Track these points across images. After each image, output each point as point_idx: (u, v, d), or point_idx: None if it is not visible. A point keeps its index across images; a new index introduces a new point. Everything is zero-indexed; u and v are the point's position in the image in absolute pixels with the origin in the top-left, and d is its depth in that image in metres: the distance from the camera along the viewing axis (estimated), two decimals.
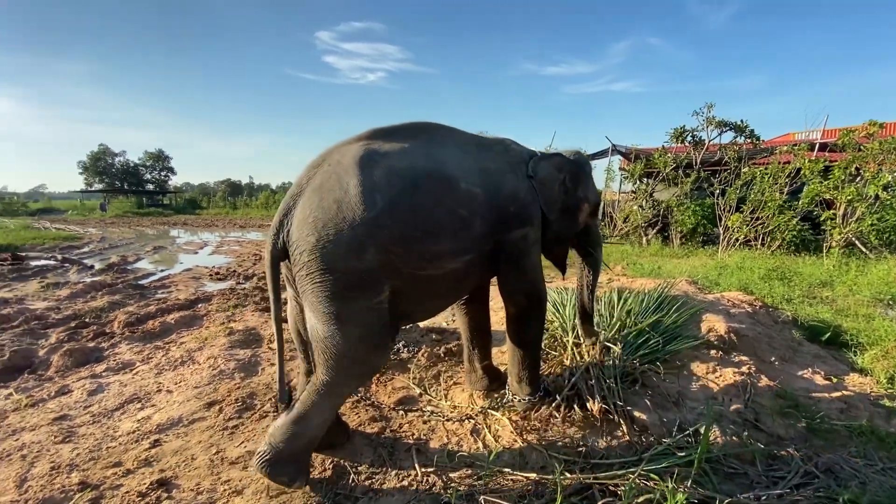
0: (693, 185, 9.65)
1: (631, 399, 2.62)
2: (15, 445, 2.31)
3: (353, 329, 1.86)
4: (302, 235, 1.82)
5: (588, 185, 2.67)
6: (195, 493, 1.98)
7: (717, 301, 3.97)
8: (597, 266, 2.88)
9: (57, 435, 2.40)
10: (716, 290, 5.12)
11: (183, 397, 2.80)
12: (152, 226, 21.41)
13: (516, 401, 2.61)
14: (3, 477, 2.05)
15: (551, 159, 2.53)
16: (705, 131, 10.11)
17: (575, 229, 2.72)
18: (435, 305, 2.35)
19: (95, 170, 39.77)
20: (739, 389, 2.79)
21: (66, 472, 2.09)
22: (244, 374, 3.14)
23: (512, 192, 2.29)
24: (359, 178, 1.85)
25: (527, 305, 2.44)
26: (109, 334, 4.13)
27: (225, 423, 2.53)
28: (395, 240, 1.87)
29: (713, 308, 3.67)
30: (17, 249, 10.08)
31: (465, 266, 2.14)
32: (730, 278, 5.71)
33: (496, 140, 2.48)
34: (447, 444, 2.37)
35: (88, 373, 3.23)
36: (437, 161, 2.06)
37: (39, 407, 2.74)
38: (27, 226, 16.84)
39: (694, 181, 9.61)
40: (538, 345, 2.58)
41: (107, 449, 2.29)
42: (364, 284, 1.85)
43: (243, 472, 2.14)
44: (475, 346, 2.82)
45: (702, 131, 10.11)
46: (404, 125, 2.19)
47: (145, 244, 12.86)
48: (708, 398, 2.71)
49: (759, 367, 3.02)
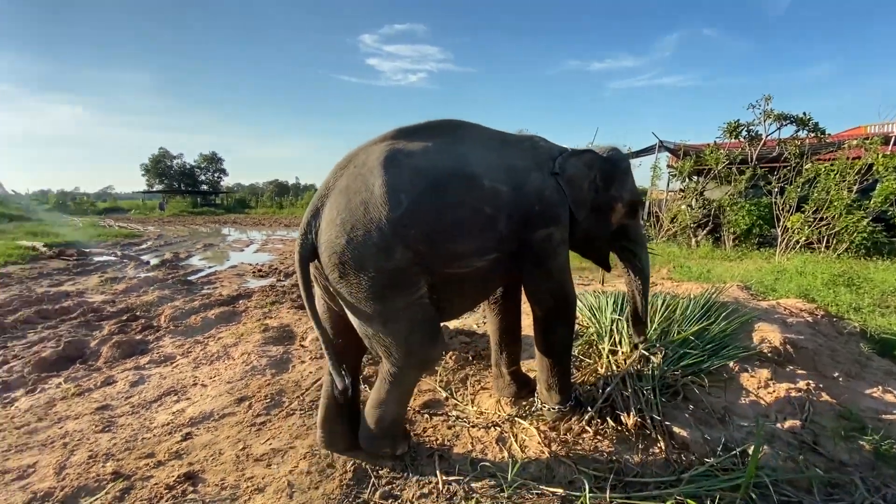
0: (748, 183, 9.01)
1: (671, 413, 2.44)
2: (59, 433, 2.44)
3: (399, 325, 1.92)
4: (331, 237, 1.85)
5: (623, 184, 2.50)
6: (220, 488, 2.01)
7: (772, 309, 3.65)
8: (642, 269, 2.67)
9: (98, 424, 2.52)
10: (772, 296, 4.73)
11: (216, 392, 2.88)
12: (205, 224, 22.58)
13: (545, 410, 2.49)
14: (44, 463, 2.16)
15: (581, 156, 2.39)
16: (762, 125, 9.40)
17: (608, 230, 2.57)
18: (461, 304, 2.31)
19: (156, 172, 42.46)
20: (796, 407, 2.54)
21: (102, 461, 2.18)
22: (275, 370, 3.19)
23: (537, 190, 2.19)
24: (383, 179, 1.85)
25: (553, 308, 2.32)
26: (156, 328, 4.34)
27: (253, 420, 2.57)
28: (421, 238, 1.87)
29: (767, 316, 3.37)
30: (82, 246, 10.88)
31: (491, 265, 2.10)
32: (788, 284, 5.27)
33: (523, 137, 2.38)
34: (471, 452, 2.29)
35: (133, 364, 3.40)
36: (461, 159, 2.03)
37: (85, 396, 2.90)
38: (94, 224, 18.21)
39: (749, 178, 8.96)
40: (567, 351, 2.45)
41: (142, 440, 2.38)
42: (398, 283, 1.88)
43: (267, 469, 2.15)
44: (503, 351, 2.72)
45: (758, 125, 9.42)
46: (428, 123, 2.16)
47: (197, 241, 13.56)
48: (758, 415, 2.48)
49: (819, 383, 2.73)
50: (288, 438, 2.39)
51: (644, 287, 2.67)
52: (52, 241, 11.20)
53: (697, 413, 2.49)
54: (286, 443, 2.35)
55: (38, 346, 3.90)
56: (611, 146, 2.58)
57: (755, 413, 2.52)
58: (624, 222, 2.60)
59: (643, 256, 2.70)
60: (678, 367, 2.81)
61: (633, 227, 2.66)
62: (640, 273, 2.67)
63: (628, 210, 2.57)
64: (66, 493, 1.94)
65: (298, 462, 2.18)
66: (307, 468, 2.13)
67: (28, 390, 3.03)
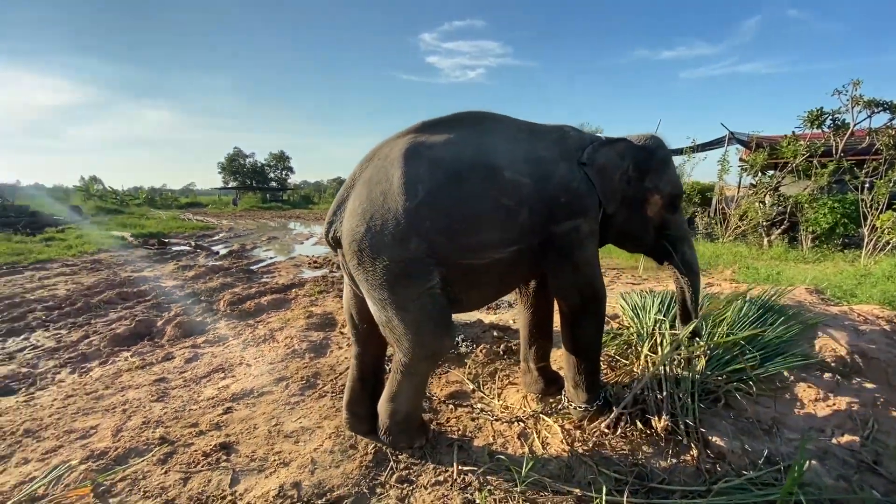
0: (831, 178, 8.12)
1: (708, 420, 2.29)
2: (120, 400, 2.72)
3: (410, 314, 1.94)
4: (352, 226, 1.93)
5: (660, 174, 2.36)
6: (249, 459, 2.15)
7: (842, 315, 3.27)
8: (689, 265, 2.50)
9: (153, 394, 2.79)
10: (851, 301, 4.25)
11: (258, 371, 3.08)
12: (272, 218, 24.00)
13: (571, 408, 2.42)
14: (104, 426, 2.43)
15: (613, 145, 2.29)
16: (850, 113, 8.39)
17: (645, 223, 2.44)
18: (482, 295, 2.30)
19: (230, 170, 45.69)
20: (857, 423, 2.27)
21: (153, 427, 2.41)
22: (314, 354, 3.35)
23: (563, 181, 2.12)
24: (402, 170, 1.91)
25: (580, 303, 2.24)
26: (215, 311, 4.70)
27: (288, 399, 2.72)
28: (437, 229, 1.91)
29: (835, 323, 3.03)
30: (163, 236, 11.98)
31: (512, 257, 2.08)
32: (871, 290, 4.70)
33: (553, 128, 2.32)
34: (492, 445, 2.28)
35: (191, 343, 3.72)
36: (483, 150, 2.02)
37: (146, 369, 3.21)
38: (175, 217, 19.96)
39: (833, 172, 8.07)
40: (595, 348, 2.36)
41: (188, 410, 2.60)
42: (412, 272, 1.91)
43: (294, 445, 2.27)
44: (532, 346, 2.68)
45: (845, 113, 8.42)
46: (454, 116, 2.17)
47: (263, 234, 14.47)
48: (811, 428, 2.25)
49: (889, 398, 2.43)
50: (317, 418, 2.51)
51: (693, 283, 2.50)
52: (138, 231, 12.45)
53: (740, 422, 2.30)
54: (315, 422, 2.47)
55: (116, 323, 4.36)
56: (649, 134, 2.44)
57: (808, 426, 2.29)
58: (664, 216, 2.46)
59: (688, 251, 2.52)
60: (723, 372, 2.62)
61: (674, 220, 2.50)
62: (688, 268, 2.49)
63: (667, 203, 2.42)
64: (119, 453, 2.16)
65: (324, 441, 2.28)
66: (331, 447, 2.23)
67: (101, 362, 3.41)
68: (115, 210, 21.00)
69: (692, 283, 2.50)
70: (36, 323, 4.52)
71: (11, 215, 13.97)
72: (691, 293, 2.50)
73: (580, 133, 2.36)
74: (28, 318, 4.63)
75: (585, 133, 2.39)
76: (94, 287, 5.95)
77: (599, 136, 2.40)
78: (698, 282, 2.56)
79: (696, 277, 2.54)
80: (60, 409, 2.62)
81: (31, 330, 4.34)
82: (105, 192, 27.25)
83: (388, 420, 2.17)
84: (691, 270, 2.51)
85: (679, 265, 2.50)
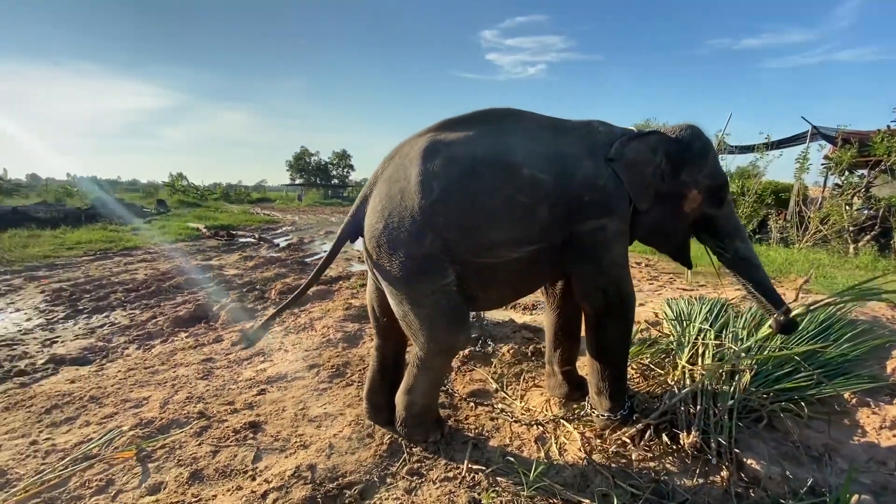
0: None
1: (746, 441, 2.11)
2: (172, 375, 2.99)
3: (424, 310, 1.97)
4: (371, 222, 2.00)
5: (698, 167, 2.19)
6: (273, 439, 2.28)
7: None
8: (746, 258, 2.25)
9: (200, 372, 3.03)
10: None
11: (294, 357, 3.25)
12: (332, 214, 25.07)
13: (594, 415, 2.32)
14: (155, 398, 2.68)
15: (645, 139, 2.16)
16: None
17: (683, 221, 2.28)
18: (500, 294, 2.27)
19: (297, 167, 48.30)
20: None
21: (195, 402, 2.62)
22: (346, 344, 3.48)
23: (587, 178, 2.04)
24: (419, 168, 1.93)
25: (604, 307, 2.14)
26: (266, 299, 5.01)
27: (317, 385, 2.84)
28: (451, 226, 1.92)
29: None
30: (232, 229, 12.92)
31: (532, 256, 2.04)
32: None
33: (581, 123, 2.23)
34: (507, 447, 2.24)
35: (240, 328, 3.99)
36: (500, 147, 1.99)
37: (198, 349, 3.49)
38: (245, 211, 21.49)
39: None
40: (622, 354, 2.25)
41: (227, 389, 2.79)
42: (426, 269, 1.93)
43: (316, 429, 2.37)
44: (557, 348, 2.60)
45: None
46: (476, 113, 2.15)
47: (321, 228, 15.16)
48: (870, 459, 2.00)
49: None
50: (341, 406, 2.60)
51: (755, 275, 2.23)
52: (211, 223, 13.50)
53: (784, 446, 2.10)
54: (339, 409, 2.56)
55: (180, 306, 4.77)
56: (686, 124, 2.27)
57: (868, 457, 2.04)
58: (706, 211, 2.28)
59: (741, 247, 2.27)
60: (771, 389, 2.40)
61: (720, 216, 2.30)
62: (746, 263, 2.26)
63: (708, 197, 2.24)
64: (163, 423, 2.38)
65: (344, 428, 2.36)
66: (349, 434, 2.30)
67: (162, 340, 3.76)
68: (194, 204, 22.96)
69: (753, 277, 2.25)
70: (116, 303, 5.06)
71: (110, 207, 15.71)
72: (759, 287, 2.24)
73: (610, 128, 2.25)
74: (111, 299, 5.19)
75: (616, 128, 2.27)
76: (167, 273, 6.55)
77: (631, 130, 2.27)
78: (762, 273, 2.28)
79: (758, 269, 2.28)
80: (122, 380, 2.93)
81: (112, 309, 4.87)
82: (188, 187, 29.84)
83: (404, 412, 2.20)
84: (752, 265, 2.28)
85: (737, 262, 2.29)
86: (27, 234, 10.00)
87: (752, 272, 2.25)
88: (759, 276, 2.26)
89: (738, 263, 2.27)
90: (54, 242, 9.10)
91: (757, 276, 2.25)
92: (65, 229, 11.11)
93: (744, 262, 2.26)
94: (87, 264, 7.39)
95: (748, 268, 2.26)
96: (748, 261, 2.26)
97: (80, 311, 4.74)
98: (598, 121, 2.28)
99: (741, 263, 2.26)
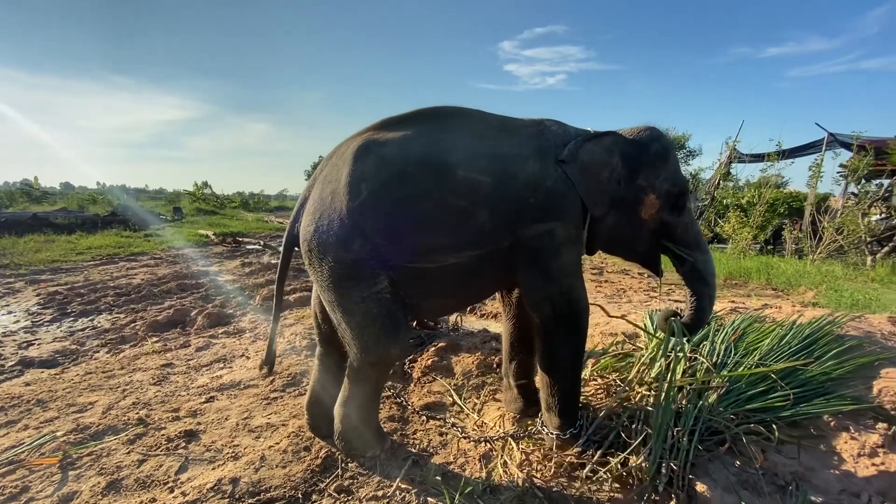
0: None
1: (704, 466, 1.92)
2: (126, 381, 2.95)
3: (354, 318, 1.90)
4: (304, 225, 1.96)
5: (656, 171, 2.03)
6: (206, 448, 2.19)
7: None
8: (698, 276, 2.12)
9: (154, 378, 2.98)
10: None
11: (253, 364, 3.17)
12: None
13: (545, 433, 2.16)
14: (101, 403, 2.63)
15: (600, 140, 2.02)
16: None
17: (642, 228, 2.12)
18: (443, 302, 2.18)
19: None
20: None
21: (139, 408, 2.56)
22: (309, 352, 3.39)
23: (532, 180, 1.91)
24: (350, 168, 1.86)
25: (553, 317, 2.00)
26: (247, 305, 4.98)
27: (268, 394, 2.76)
28: (380, 230, 1.84)
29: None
30: (241, 235, 13.09)
31: (474, 262, 1.93)
32: None
33: (531, 122, 2.10)
34: (450, 464, 2.11)
35: (209, 334, 3.94)
36: (436, 148, 1.89)
37: (162, 354, 3.45)
38: (259, 219, 21.77)
39: None
40: (572, 369, 2.09)
41: (177, 396, 2.73)
42: (356, 274, 1.86)
43: (254, 440, 2.28)
44: (513, 360, 2.46)
45: None
46: (419, 111, 2.06)
47: None
48: (842, 491, 1.79)
49: None
50: (287, 416, 2.51)
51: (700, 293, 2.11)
52: (222, 230, 13.72)
53: (746, 473, 1.90)
54: (283, 419, 2.47)
55: (163, 311, 4.78)
56: (645, 126, 2.13)
57: (841, 487, 1.83)
58: (664, 218, 2.12)
59: (700, 258, 2.12)
60: (741, 409, 2.20)
61: (679, 224, 2.14)
62: (697, 277, 2.12)
63: (666, 203, 2.08)
64: (99, 429, 2.32)
65: (282, 440, 2.26)
66: (286, 446, 2.20)
67: (133, 344, 3.74)
68: (211, 211, 23.43)
69: (699, 293, 2.12)
70: (104, 306, 5.10)
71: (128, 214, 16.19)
72: (698, 306, 2.12)
73: (564, 128, 2.12)
74: (100, 302, 5.24)
75: (571, 128, 2.14)
76: (162, 278, 6.61)
77: (587, 131, 2.14)
78: (710, 293, 2.14)
79: (708, 289, 2.14)
80: (76, 384, 2.90)
81: (99, 312, 4.91)
82: (208, 195, 30.55)
83: (340, 425, 2.10)
84: (701, 280, 2.13)
85: (689, 274, 2.14)
86: (43, 239, 10.32)
87: (700, 287, 2.11)
88: (703, 291, 2.11)
89: (688, 275, 2.12)
90: (66, 247, 9.35)
91: (701, 290, 2.11)
92: (80, 235, 11.44)
93: (695, 275, 2.10)
94: (90, 269, 7.54)
95: (696, 281, 2.11)
96: (699, 274, 2.10)
97: (67, 314, 4.79)
98: (551, 120, 2.15)
99: (692, 275, 2.11)
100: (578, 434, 2.07)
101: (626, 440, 2.02)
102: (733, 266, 7.23)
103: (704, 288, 2.13)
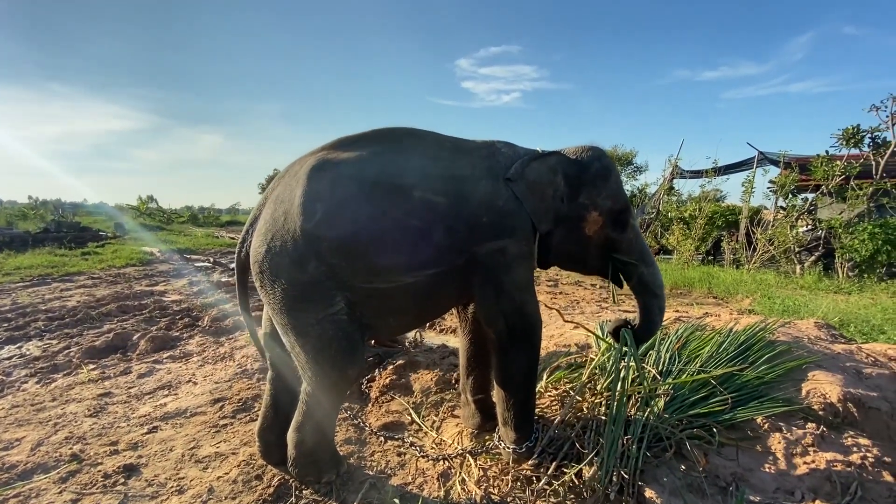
0: (871, 201, 7.41)
1: (653, 473, 2.00)
2: (57, 413, 2.72)
3: (309, 341, 1.85)
4: (255, 246, 1.92)
5: (597, 189, 2.14)
6: (147, 484, 2.06)
7: (846, 354, 2.85)
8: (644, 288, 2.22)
9: (91, 409, 2.77)
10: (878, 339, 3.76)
11: (201, 390, 3.02)
12: None
13: (502, 447, 2.19)
14: (29, 439, 2.42)
15: (545, 159, 2.11)
16: (890, 130, 7.70)
17: (586, 243, 2.21)
18: (400, 321, 2.17)
19: None
20: (837, 485, 1.92)
21: (73, 442, 2.37)
22: (261, 375, 3.26)
23: (485, 199, 1.97)
24: (304, 188, 1.84)
25: (506, 332, 2.04)
26: (194, 327, 4.74)
27: (217, 421, 2.63)
28: (336, 251, 1.82)
29: (832, 363, 2.64)
30: (191, 252, 12.50)
31: (430, 281, 1.95)
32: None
33: (483, 144, 2.17)
34: (408, 485, 2.09)
35: (154, 358, 3.72)
36: (392, 168, 1.91)
37: (99, 383, 3.22)
38: (209, 234, 20.88)
39: (872, 195, 7.37)
40: (527, 383, 2.13)
41: (115, 428, 2.55)
42: (311, 296, 1.83)
43: (201, 472, 2.17)
44: (470, 375, 2.48)
45: (885, 131, 7.73)
46: (373, 132, 2.07)
47: None
48: (777, 489, 1.92)
49: (885, 457, 2.05)
50: (237, 444, 2.40)
51: (649, 305, 2.21)
52: (168, 247, 13.04)
53: (691, 476, 2.00)
54: (233, 448, 2.36)
55: (102, 336, 4.47)
56: (588, 146, 2.24)
57: (776, 486, 1.96)
58: (609, 234, 2.22)
59: (645, 272, 2.22)
60: (685, 415, 2.32)
61: (623, 239, 2.25)
62: (643, 289, 2.22)
63: (609, 220, 2.18)
64: (26, 468, 2.13)
65: (232, 469, 2.16)
66: (236, 476, 2.10)
67: (66, 373, 3.46)
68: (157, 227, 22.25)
69: (647, 305, 2.22)
70: (34, 332, 4.70)
71: (63, 230, 15.06)
72: (647, 314, 2.22)
73: (513, 148, 2.20)
74: (29, 328, 4.83)
75: (520, 148, 2.22)
76: (102, 300, 6.18)
77: (535, 151, 2.23)
78: (659, 304, 2.24)
79: (657, 300, 2.24)
80: (0, 419, 2.64)
81: (28, 339, 4.52)
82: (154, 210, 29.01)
83: (294, 451, 2.02)
84: (649, 292, 2.24)
85: (637, 287, 2.25)
86: None
87: (648, 298, 2.21)
88: (652, 304, 2.21)
89: (637, 288, 2.23)
90: None
91: (650, 303, 2.21)
92: (7, 254, 10.56)
93: (643, 287, 2.21)
94: (19, 290, 6.95)
95: (645, 293, 2.22)
96: (646, 287, 2.21)
97: None
98: (501, 141, 2.23)
99: (640, 288, 2.22)
100: (534, 447, 2.11)
101: (581, 450, 2.09)
102: (678, 276, 7.63)
103: (653, 300, 2.23)
